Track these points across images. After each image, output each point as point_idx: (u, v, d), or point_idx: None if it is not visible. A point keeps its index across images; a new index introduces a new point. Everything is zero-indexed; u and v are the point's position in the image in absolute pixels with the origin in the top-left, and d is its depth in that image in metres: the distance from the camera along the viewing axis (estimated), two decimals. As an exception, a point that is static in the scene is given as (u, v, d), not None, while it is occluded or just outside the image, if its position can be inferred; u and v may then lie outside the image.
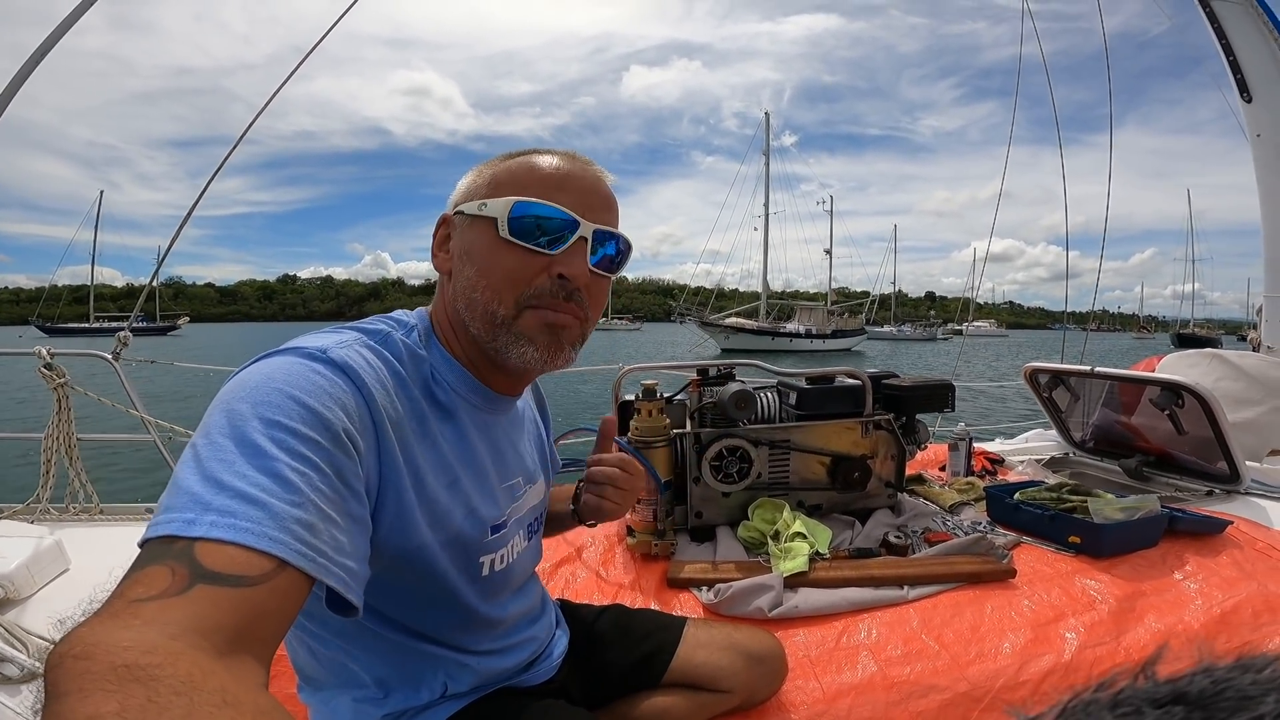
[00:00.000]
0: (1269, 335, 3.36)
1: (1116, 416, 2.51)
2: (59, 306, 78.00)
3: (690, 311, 40.12)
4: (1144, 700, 0.29)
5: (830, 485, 1.89)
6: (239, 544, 0.47)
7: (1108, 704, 0.30)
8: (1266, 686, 0.27)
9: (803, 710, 1.17)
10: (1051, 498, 1.86)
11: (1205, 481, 2.21)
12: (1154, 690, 0.29)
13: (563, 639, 1.07)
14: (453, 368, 0.79)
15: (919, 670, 1.24)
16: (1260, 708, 0.26)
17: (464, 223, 0.79)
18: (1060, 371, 2.63)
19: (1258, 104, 3.29)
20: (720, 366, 2.02)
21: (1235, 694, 0.27)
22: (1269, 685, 0.27)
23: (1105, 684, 0.31)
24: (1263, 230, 3.34)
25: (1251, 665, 0.29)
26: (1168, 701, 0.28)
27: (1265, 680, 0.28)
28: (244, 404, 0.56)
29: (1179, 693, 0.29)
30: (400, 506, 0.69)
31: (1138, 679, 0.31)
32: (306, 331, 0.71)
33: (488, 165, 0.83)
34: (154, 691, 0.37)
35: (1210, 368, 2.64)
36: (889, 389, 1.98)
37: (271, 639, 0.48)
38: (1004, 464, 2.64)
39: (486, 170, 0.81)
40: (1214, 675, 0.29)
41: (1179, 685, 0.29)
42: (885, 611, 1.42)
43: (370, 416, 0.65)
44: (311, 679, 0.86)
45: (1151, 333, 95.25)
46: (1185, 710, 0.27)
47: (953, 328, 45.65)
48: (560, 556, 1.69)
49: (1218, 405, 2.03)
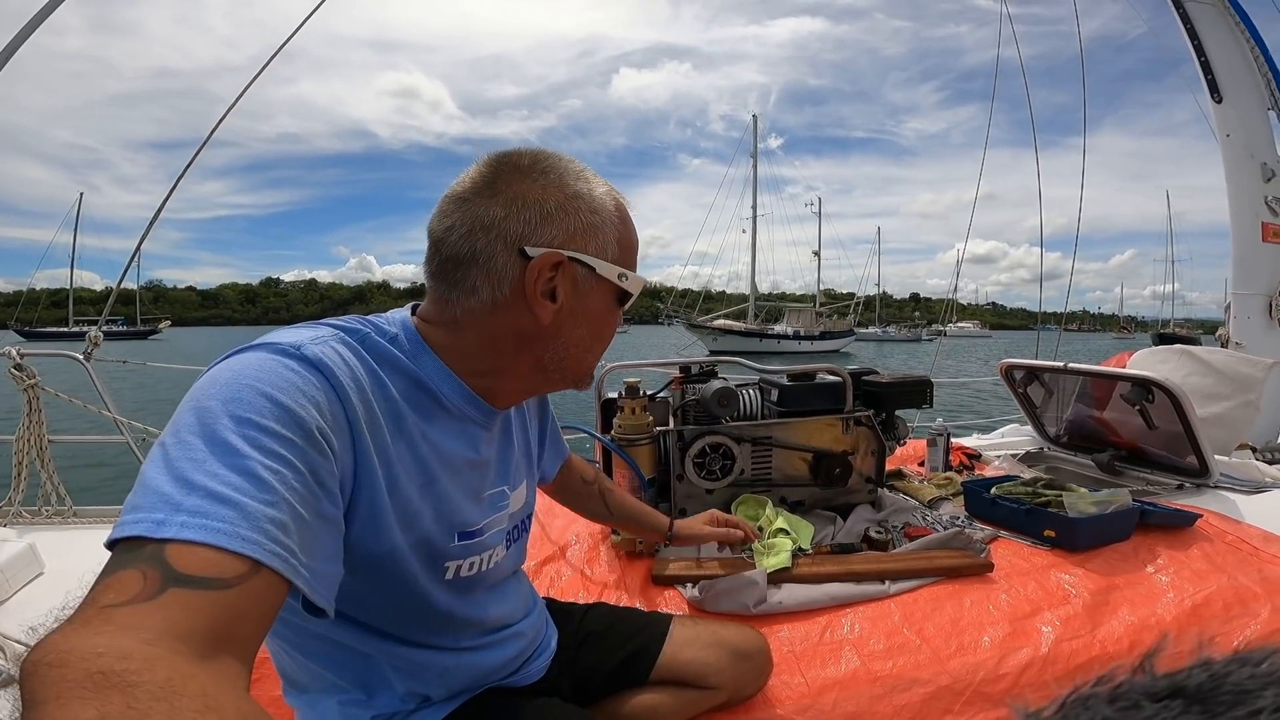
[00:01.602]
0: (1237, 331, 3.43)
1: (1089, 411, 2.55)
2: (37, 310, 76.51)
3: (678, 313, 40.23)
4: (1142, 694, 0.29)
5: (812, 481, 1.91)
6: (212, 545, 0.46)
7: (1107, 698, 0.30)
8: (1264, 680, 0.28)
9: (788, 705, 1.18)
10: (1027, 492, 1.88)
11: (1175, 475, 2.24)
12: (1152, 684, 0.30)
13: (553, 638, 1.07)
14: (448, 379, 0.77)
15: (901, 664, 1.25)
16: (1258, 701, 0.27)
17: (586, 279, 0.76)
18: (1035, 368, 2.67)
19: (1228, 104, 3.37)
20: (702, 364, 2.03)
21: (1233, 688, 0.28)
22: (1266, 679, 0.28)
23: (1104, 678, 0.31)
24: (1231, 229, 3.42)
25: (1249, 659, 0.29)
26: (1166, 695, 0.29)
27: (1263, 674, 0.28)
28: (214, 401, 0.55)
29: (1177, 686, 0.29)
30: (373, 507, 0.68)
31: (1136, 673, 0.31)
32: None
33: (597, 205, 0.76)
34: (132, 698, 0.36)
35: (1180, 363, 2.69)
36: (869, 385, 2.00)
37: (251, 641, 0.47)
38: (981, 459, 2.67)
39: (605, 218, 0.77)
40: (1212, 669, 0.29)
41: (1177, 679, 0.29)
42: (867, 606, 1.44)
43: (345, 414, 0.64)
44: (295, 682, 0.85)
45: (1131, 333, 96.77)
46: (1184, 704, 0.28)
47: (937, 328, 46.37)
48: (544, 555, 1.69)
49: (1187, 400, 2.07)
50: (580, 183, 0.76)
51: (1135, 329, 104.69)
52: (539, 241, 0.72)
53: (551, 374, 0.81)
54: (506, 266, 0.72)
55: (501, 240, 0.72)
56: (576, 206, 0.74)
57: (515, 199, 0.72)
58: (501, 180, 0.74)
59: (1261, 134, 3.36)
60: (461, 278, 0.74)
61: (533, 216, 0.72)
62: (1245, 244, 3.39)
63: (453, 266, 0.74)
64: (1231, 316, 3.47)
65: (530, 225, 0.72)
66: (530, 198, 0.73)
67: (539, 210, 0.73)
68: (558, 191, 0.74)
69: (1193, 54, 3.41)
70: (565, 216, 0.74)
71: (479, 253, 0.72)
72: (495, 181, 0.74)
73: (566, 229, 0.74)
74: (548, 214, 0.73)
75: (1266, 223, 3.35)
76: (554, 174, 0.75)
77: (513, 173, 0.74)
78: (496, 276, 0.73)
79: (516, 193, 0.73)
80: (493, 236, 0.72)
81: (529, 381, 0.83)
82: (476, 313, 0.75)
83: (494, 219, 0.72)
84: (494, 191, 0.73)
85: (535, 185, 0.74)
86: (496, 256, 0.72)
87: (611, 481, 1.39)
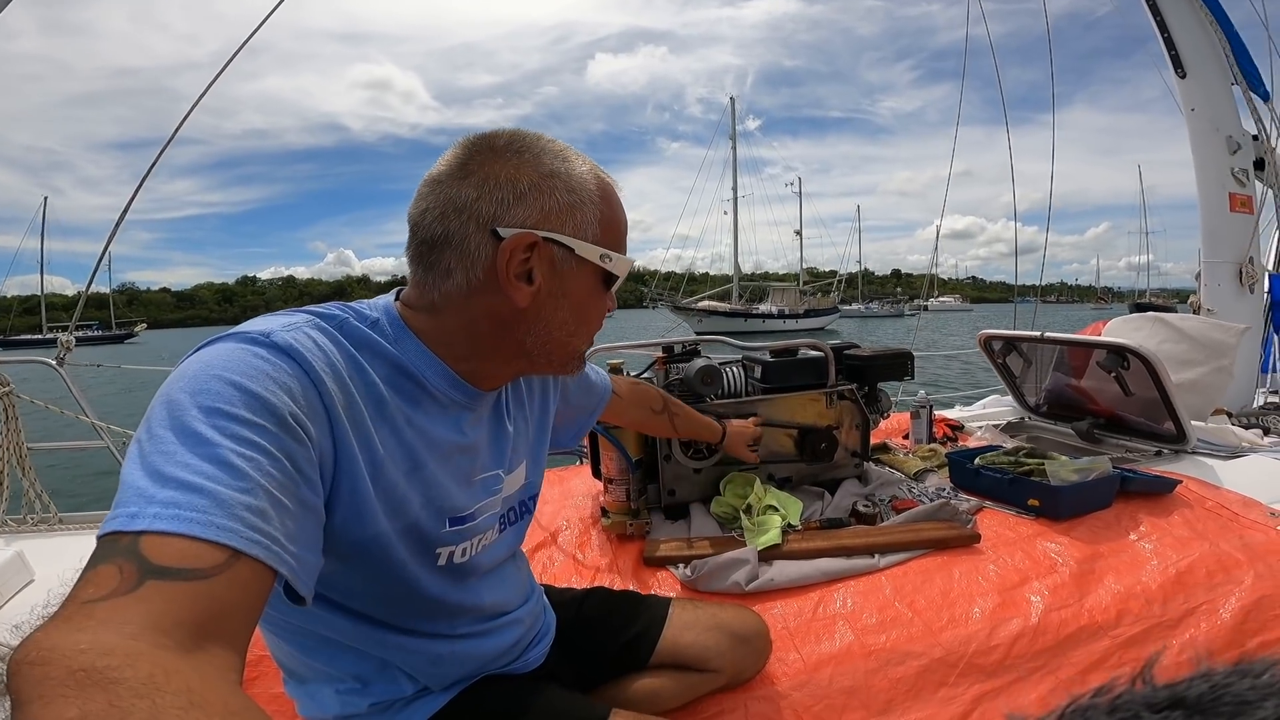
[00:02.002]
0: (1208, 299, 3.50)
1: (1067, 380, 2.58)
2: (10, 318, 74.77)
3: (662, 296, 40.16)
4: (1142, 705, 0.29)
5: (798, 457, 1.92)
6: (185, 535, 0.46)
7: (1105, 709, 0.30)
8: (1265, 691, 0.28)
9: (785, 682, 1.19)
10: (1009, 461, 1.91)
11: (1154, 442, 2.28)
12: (1152, 695, 0.30)
13: (551, 625, 1.07)
14: (431, 363, 0.75)
15: (895, 638, 1.27)
16: (1258, 712, 0.27)
17: (565, 260, 0.74)
18: (1013, 338, 2.70)
19: (1191, 79, 3.44)
20: (685, 343, 2.02)
21: (1233, 699, 0.28)
22: (1267, 690, 0.28)
23: (1103, 689, 0.31)
24: (1199, 200, 3.49)
25: (1249, 670, 0.29)
26: (1166, 706, 0.29)
27: (1263, 685, 0.28)
28: (183, 394, 0.54)
29: (1177, 697, 0.29)
30: (355, 494, 0.67)
31: (1135, 684, 0.31)
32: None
33: (575, 184, 0.74)
34: (115, 695, 0.36)
35: (1153, 331, 2.72)
36: (850, 359, 2.01)
37: (238, 632, 0.47)
38: (964, 430, 2.70)
39: (583, 197, 0.74)
40: (1212, 680, 0.29)
41: (1177, 690, 0.29)
42: (859, 580, 1.45)
43: (320, 400, 0.62)
44: (293, 672, 0.85)
45: (1109, 303, 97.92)
46: (1183, 715, 0.28)
47: (919, 303, 46.65)
48: (536, 541, 1.69)
49: (1161, 366, 2.10)
50: (558, 161, 0.74)
51: (1112, 300, 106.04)
52: (511, 222, 0.71)
53: (536, 358, 0.80)
54: (479, 248, 0.71)
55: (474, 221, 0.70)
56: (552, 186, 0.72)
57: (487, 179, 0.71)
58: (474, 161, 0.72)
59: (1225, 107, 3.42)
60: (436, 260, 0.72)
61: (505, 196, 0.71)
62: (1213, 215, 3.46)
63: (428, 249, 0.73)
64: (1203, 284, 3.53)
65: (503, 206, 0.70)
66: (502, 177, 0.71)
67: (512, 190, 0.71)
68: (532, 171, 0.72)
69: (1156, 30, 3.46)
70: (540, 196, 0.72)
71: (452, 235, 0.71)
72: (468, 163, 0.72)
73: (541, 209, 0.72)
74: (520, 194, 0.71)
75: (1233, 193, 3.42)
76: (529, 153, 0.73)
77: (487, 153, 0.73)
78: (469, 259, 0.71)
79: (489, 173, 0.71)
80: (465, 218, 0.70)
81: (514, 365, 0.82)
82: (453, 296, 0.73)
83: (466, 200, 0.70)
84: (466, 173, 0.72)
85: (508, 165, 0.72)
86: (469, 238, 0.71)
87: (678, 403, 1.52)
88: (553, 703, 0.92)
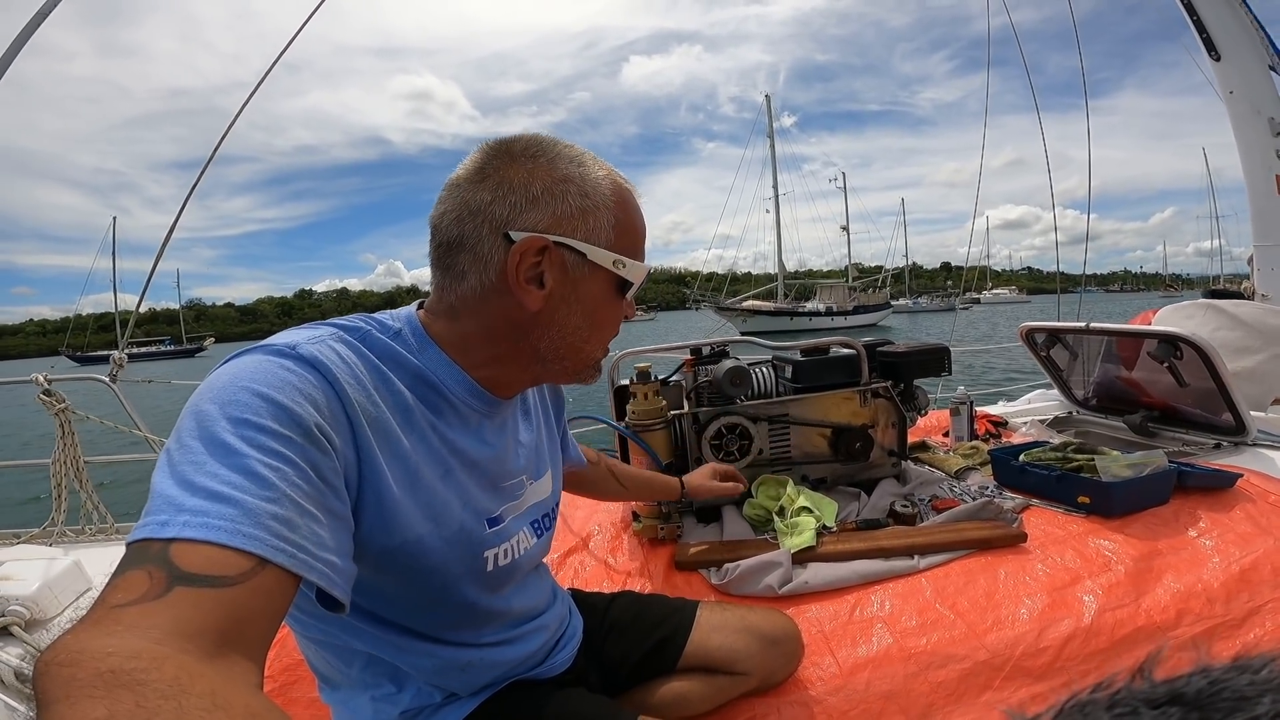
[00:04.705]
0: (1262, 283, 3.36)
1: (1117, 372, 2.48)
2: (86, 335, 78.23)
3: (705, 297, 40.06)
4: (1141, 701, 0.29)
5: (833, 458, 1.88)
6: (213, 543, 0.47)
7: (1104, 704, 0.30)
8: (1263, 687, 0.28)
9: (820, 687, 1.16)
10: (1057, 458, 1.83)
11: (1212, 434, 2.17)
12: (1151, 691, 0.30)
13: (578, 629, 1.07)
14: (452, 372, 0.76)
15: (936, 640, 1.23)
16: (1257, 708, 0.27)
17: (578, 265, 0.74)
18: (1056, 330, 2.60)
19: (1226, 62, 3.33)
20: (714, 344, 2.00)
21: (1232, 695, 0.28)
22: (1265, 686, 0.28)
23: (1102, 685, 0.31)
24: (1245, 183, 3.38)
25: (1248, 666, 0.29)
26: (1164, 702, 0.29)
27: (1262, 681, 0.28)
28: (211, 405, 0.56)
29: (1176, 694, 0.29)
30: (381, 503, 0.68)
31: (1134, 680, 0.31)
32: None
33: (589, 188, 0.74)
34: (141, 696, 0.37)
35: (1206, 318, 2.60)
36: (884, 356, 1.96)
37: (261, 639, 0.48)
38: (1007, 426, 2.62)
39: (597, 201, 0.74)
40: (1211, 676, 0.29)
41: (1176, 686, 0.29)
42: (897, 582, 1.41)
43: (344, 412, 0.64)
44: (329, 679, 0.87)
45: (1179, 290, 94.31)
46: (1182, 711, 0.28)
47: (971, 297, 45.49)
48: (568, 546, 1.70)
49: (1216, 355, 1.99)
50: (572, 166, 0.74)
51: (1182, 287, 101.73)
52: (524, 225, 0.71)
53: (551, 364, 0.80)
54: (492, 251, 0.71)
55: (488, 224, 0.71)
56: (565, 190, 0.73)
57: (502, 183, 0.72)
58: (491, 165, 0.73)
59: (1264, 89, 3.30)
60: (453, 263, 0.73)
61: (519, 200, 0.71)
62: (1261, 197, 3.35)
63: (445, 252, 0.74)
64: (1256, 269, 3.41)
65: (516, 209, 0.71)
66: (517, 181, 0.72)
67: (525, 194, 0.71)
68: (546, 175, 0.73)
69: (1185, 14, 3.38)
70: (553, 200, 0.72)
71: (466, 237, 0.72)
72: (485, 167, 0.73)
73: (554, 213, 0.72)
74: (534, 198, 0.72)
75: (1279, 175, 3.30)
76: (544, 158, 0.73)
77: (504, 157, 0.73)
78: (483, 261, 0.72)
79: (504, 177, 0.72)
80: (479, 221, 0.71)
81: (530, 371, 0.82)
82: (469, 300, 0.74)
83: (481, 204, 0.71)
84: (483, 176, 0.72)
85: (523, 169, 0.72)
86: (483, 241, 0.71)
87: (612, 459, 1.41)
88: (580, 708, 0.93)
